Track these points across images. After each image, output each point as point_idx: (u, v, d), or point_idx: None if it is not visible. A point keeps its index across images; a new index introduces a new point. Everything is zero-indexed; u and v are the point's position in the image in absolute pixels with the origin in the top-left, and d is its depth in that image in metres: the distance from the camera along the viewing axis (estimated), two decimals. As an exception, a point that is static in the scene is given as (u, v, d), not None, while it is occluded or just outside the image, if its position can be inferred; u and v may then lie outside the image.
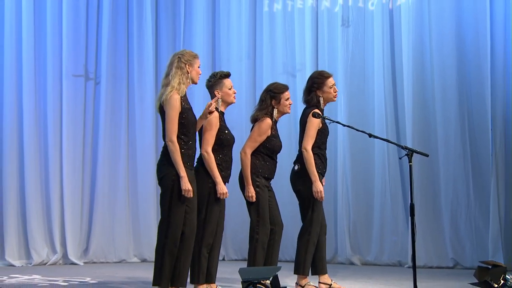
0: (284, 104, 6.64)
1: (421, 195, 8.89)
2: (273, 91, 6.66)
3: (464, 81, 8.99)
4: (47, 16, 9.17)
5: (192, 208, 5.89)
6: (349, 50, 9.64)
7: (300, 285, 6.63)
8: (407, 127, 9.15)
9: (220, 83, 6.32)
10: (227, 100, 6.35)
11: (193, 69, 5.96)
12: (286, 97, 6.65)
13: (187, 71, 5.93)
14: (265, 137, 6.54)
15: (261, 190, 6.50)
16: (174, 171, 5.74)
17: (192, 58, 5.97)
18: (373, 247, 9.40)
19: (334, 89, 6.71)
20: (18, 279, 7.53)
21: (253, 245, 6.46)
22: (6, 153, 8.90)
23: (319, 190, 6.50)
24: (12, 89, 8.97)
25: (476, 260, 7.85)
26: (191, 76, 5.95)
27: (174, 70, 5.93)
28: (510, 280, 5.29)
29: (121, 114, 9.63)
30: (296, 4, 9.91)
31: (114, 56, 9.60)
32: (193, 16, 10.03)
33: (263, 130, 6.54)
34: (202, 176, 6.13)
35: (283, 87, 6.72)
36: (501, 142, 8.69)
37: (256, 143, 6.53)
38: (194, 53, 6.04)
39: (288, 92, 6.70)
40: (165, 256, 5.79)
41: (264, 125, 6.55)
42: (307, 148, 6.55)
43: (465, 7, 9.02)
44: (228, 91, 6.33)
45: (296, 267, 6.64)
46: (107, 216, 9.47)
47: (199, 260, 6.14)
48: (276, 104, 6.63)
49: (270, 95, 6.65)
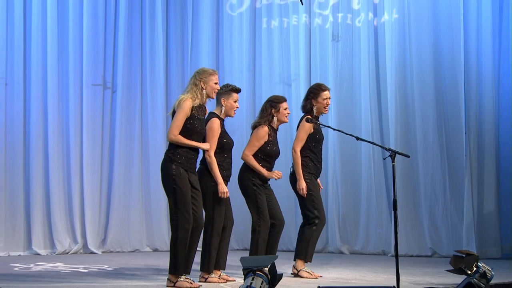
0: (283, 113, 6.65)
1: (403, 191, 8.92)
2: (274, 101, 6.68)
3: (441, 90, 8.99)
4: (69, 32, 9.17)
5: (199, 206, 5.93)
6: (339, 62, 9.65)
7: (296, 269, 6.66)
8: (390, 131, 9.16)
9: (229, 94, 6.28)
10: (228, 111, 6.30)
11: (208, 85, 5.94)
12: (285, 106, 6.67)
13: (201, 87, 5.92)
14: (262, 142, 6.54)
15: (257, 188, 6.51)
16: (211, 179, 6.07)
17: (207, 76, 5.95)
18: (360, 238, 9.40)
19: (326, 102, 6.74)
20: (43, 266, 7.53)
21: (255, 237, 6.48)
22: (33, 154, 8.90)
23: (302, 187, 6.59)
24: (39, 97, 8.98)
25: (452, 249, 7.85)
26: (206, 91, 5.94)
27: (190, 86, 5.96)
28: (482, 267, 5.30)
29: (135, 119, 9.63)
30: (291, 22, 9.92)
31: (129, 68, 9.60)
32: (199, 31, 10.03)
33: (261, 136, 6.55)
34: (206, 177, 6.14)
35: (282, 98, 6.74)
36: (474, 144, 8.68)
37: (255, 147, 6.53)
38: (211, 71, 6.01)
39: (286, 103, 6.72)
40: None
41: (261, 132, 6.56)
42: (295, 149, 6.65)
43: (441, 24, 9.02)
44: (232, 104, 6.29)
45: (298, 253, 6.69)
46: (123, 210, 9.47)
47: (209, 251, 6.15)
48: (276, 112, 6.64)
49: (271, 105, 6.67)
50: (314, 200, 6.67)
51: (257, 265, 4.89)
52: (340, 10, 9.68)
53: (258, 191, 6.52)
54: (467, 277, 5.29)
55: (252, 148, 6.53)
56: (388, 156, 5.60)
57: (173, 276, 5.82)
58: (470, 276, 5.27)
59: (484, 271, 5.29)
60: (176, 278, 5.81)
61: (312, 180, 6.72)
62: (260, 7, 10.11)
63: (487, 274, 5.30)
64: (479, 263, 5.33)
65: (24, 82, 8.94)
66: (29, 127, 8.94)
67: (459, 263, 5.34)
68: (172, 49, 9.92)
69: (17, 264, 7.64)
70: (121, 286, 6.05)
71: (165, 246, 9.52)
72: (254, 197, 6.51)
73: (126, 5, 9.55)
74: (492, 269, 5.39)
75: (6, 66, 8.84)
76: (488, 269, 5.33)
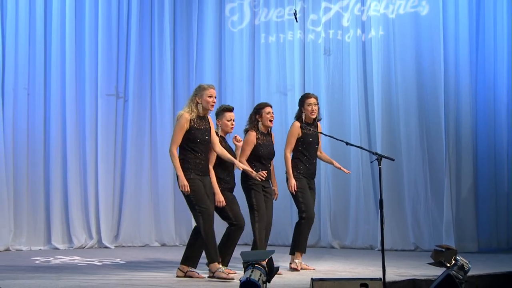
0: (266, 117, 6.52)
1: (388, 191, 8.90)
2: (257, 108, 6.62)
3: (423, 99, 9.00)
4: (86, 47, 9.17)
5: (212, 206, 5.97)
6: (330, 74, 9.66)
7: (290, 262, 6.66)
8: (377, 137, 9.16)
9: (222, 114, 6.29)
10: (224, 129, 6.31)
11: (202, 99, 5.94)
12: (267, 111, 6.54)
13: (196, 101, 5.95)
14: (252, 146, 6.47)
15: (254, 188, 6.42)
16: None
17: (201, 91, 5.96)
18: (349, 234, 9.40)
19: (311, 108, 6.68)
20: (62, 259, 7.55)
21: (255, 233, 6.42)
22: (52, 158, 8.91)
23: (291, 185, 6.59)
24: (58, 105, 8.98)
25: (433, 244, 7.83)
26: (202, 104, 5.95)
27: (188, 101, 6.04)
28: (460, 261, 5.30)
29: (144, 125, 9.63)
30: (287, 37, 9.94)
31: (140, 80, 9.60)
32: (203, 46, 10.05)
33: (250, 141, 6.47)
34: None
35: (264, 104, 6.65)
36: (453, 149, 8.69)
37: (247, 152, 6.45)
38: (205, 86, 6.02)
39: (268, 108, 6.57)
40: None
41: (249, 137, 6.49)
42: (285, 152, 6.71)
43: (422, 40, 9.03)
44: (227, 122, 6.28)
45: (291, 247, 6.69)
46: (134, 209, 9.47)
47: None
48: (259, 117, 6.54)
49: (255, 112, 6.60)
50: (302, 198, 6.63)
51: (256, 259, 4.90)
52: (332, 27, 9.71)
53: (255, 191, 6.41)
54: (447, 269, 5.28)
55: (245, 153, 6.44)
56: (375, 160, 5.59)
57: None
58: (449, 268, 5.27)
59: (462, 264, 5.28)
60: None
61: (301, 179, 6.68)
62: (258, 24, 10.14)
63: (464, 267, 5.29)
64: (458, 256, 5.32)
65: (44, 92, 8.94)
66: (49, 133, 8.94)
67: (439, 256, 5.34)
68: (178, 62, 9.93)
69: (38, 258, 7.66)
70: (132, 277, 6.06)
71: (172, 241, 9.55)
72: (251, 197, 6.44)
73: (137, 23, 9.56)
74: (469, 262, 5.38)
75: (29, 78, 8.84)
76: (466, 262, 5.33)
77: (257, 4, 10.14)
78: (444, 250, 5.36)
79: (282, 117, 9.63)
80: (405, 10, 9.16)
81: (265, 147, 6.52)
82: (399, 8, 9.20)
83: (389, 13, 9.24)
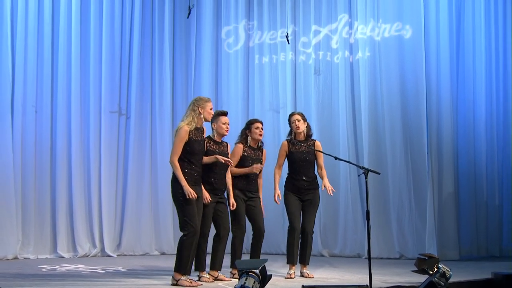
0: (254, 132, 6.61)
1: (375, 203, 8.92)
2: (247, 124, 6.74)
3: (407, 116, 9.04)
4: (90, 67, 9.18)
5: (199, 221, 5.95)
6: (320, 92, 9.71)
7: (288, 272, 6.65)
8: (364, 152, 9.19)
9: (217, 118, 6.32)
10: (220, 131, 6.34)
11: (205, 111, 5.96)
12: (256, 126, 6.62)
13: (199, 112, 5.95)
14: (238, 156, 6.52)
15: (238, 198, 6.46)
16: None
17: (204, 102, 5.98)
18: (338, 243, 9.40)
19: (295, 124, 6.70)
20: (67, 267, 7.51)
21: (232, 241, 6.51)
22: (58, 172, 8.88)
23: (274, 195, 6.65)
24: (63, 122, 8.97)
25: (416, 252, 7.83)
26: (204, 116, 5.97)
27: (189, 112, 5.99)
28: (442, 268, 5.31)
29: (145, 141, 9.62)
30: (279, 58, 10.00)
31: (141, 98, 9.61)
32: (201, 66, 10.08)
33: (235, 152, 6.56)
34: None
35: (254, 120, 6.74)
36: (435, 162, 8.72)
37: (233, 163, 6.45)
38: (206, 98, 6.04)
39: (258, 123, 6.65)
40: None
41: (235, 149, 6.59)
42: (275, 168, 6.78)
43: (406, 61, 9.09)
44: (222, 125, 6.31)
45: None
46: (135, 219, 9.44)
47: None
48: (249, 132, 6.64)
49: (245, 127, 6.72)
50: (286, 210, 6.69)
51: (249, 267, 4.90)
52: (321, 48, 9.77)
53: (238, 201, 6.46)
54: (429, 276, 5.30)
55: (232, 164, 6.43)
56: (362, 173, 5.62)
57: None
58: (431, 275, 5.28)
59: (443, 271, 5.30)
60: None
61: (288, 194, 6.70)
62: (253, 45, 10.20)
63: (446, 274, 5.31)
64: (440, 264, 5.34)
65: (51, 109, 8.94)
66: (55, 148, 8.91)
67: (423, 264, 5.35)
68: (178, 81, 9.94)
69: (44, 266, 7.62)
70: (134, 284, 6.04)
71: (171, 250, 9.49)
72: (235, 207, 6.44)
73: (139, 45, 9.58)
74: (451, 270, 5.40)
75: (36, 96, 8.84)
76: (447, 270, 5.34)
77: (252, 27, 10.21)
78: (427, 258, 5.37)
79: (274, 134, 9.67)
80: (390, 33, 9.23)
81: (252, 161, 6.56)
82: (384, 32, 9.26)
83: (375, 36, 9.30)
